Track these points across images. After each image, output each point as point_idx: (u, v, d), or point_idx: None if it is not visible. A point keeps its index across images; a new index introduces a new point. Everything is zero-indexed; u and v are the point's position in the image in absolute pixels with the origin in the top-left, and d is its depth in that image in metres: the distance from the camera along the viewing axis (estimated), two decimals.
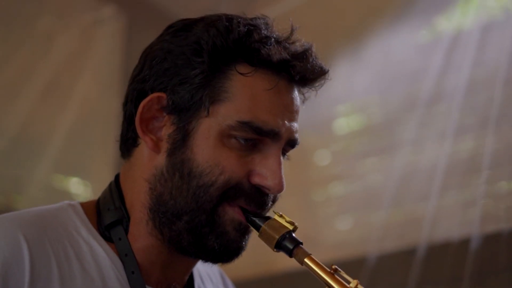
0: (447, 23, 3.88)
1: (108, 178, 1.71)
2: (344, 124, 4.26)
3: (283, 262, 3.77)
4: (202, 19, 1.60)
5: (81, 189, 4.42)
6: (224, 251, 1.57)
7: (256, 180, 1.55)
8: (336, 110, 4.19)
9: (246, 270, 3.05)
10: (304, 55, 1.58)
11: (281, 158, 1.59)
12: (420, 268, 3.42)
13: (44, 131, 4.30)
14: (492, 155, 3.40)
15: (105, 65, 4.46)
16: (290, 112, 1.59)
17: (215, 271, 1.91)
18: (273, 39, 1.57)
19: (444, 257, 3.40)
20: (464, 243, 3.33)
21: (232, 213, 1.55)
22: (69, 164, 4.41)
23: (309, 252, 1.53)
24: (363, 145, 4.05)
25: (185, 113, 1.55)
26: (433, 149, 3.69)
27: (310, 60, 1.59)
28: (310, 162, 4.20)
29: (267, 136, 1.55)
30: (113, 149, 4.14)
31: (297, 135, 1.60)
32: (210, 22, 1.56)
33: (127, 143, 1.64)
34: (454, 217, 3.52)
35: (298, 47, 1.60)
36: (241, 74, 1.55)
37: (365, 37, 3.99)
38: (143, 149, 1.61)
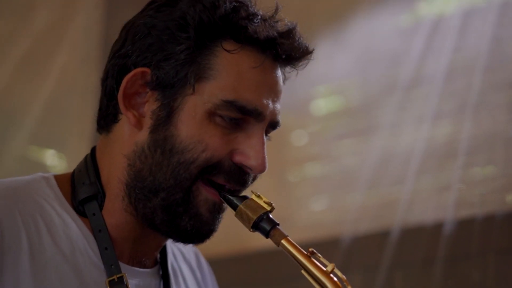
0: (429, 7, 3.88)
1: (84, 151, 1.70)
2: (322, 105, 4.26)
3: (257, 240, 3.79)
4: None
5: (56, 161, 4.40)
6: (196, 233, 1.57)
7: (239, 158, 1.55)
8: (315, 91, 4.19)
9: (218, 247, 3.05)
10: (290, 33, 1.58)
11: (264, 138, 1.59)
12: (394, 251, 3.44)
13: (21, 102, 4.27)
14: (469, 141, 3.42)
15: (84, 38, 4.42)
16: (274, 92, 1.59)
17: (189, 250, 1.90)
18: (259, 17, 1.56)
19: (418, 240, 3.42)
20: (437, 227, 3.36)
21: (205, 194, 1.55)
22: (45, 136, 4.39)
23: (286, 233, 1.54)
24: (340, 127, 4.05)
25: (170, 89, 1.54)
26: (411, 133, 3.71)
27: (296, 39, 1.59)
28: (287, 142, 4.20)
29: (251, 116, 1.55)
30: (90, 122, 4.12)
31: (279, 117, 1.61)
32: None
33: (107, 119, 1.62)
34: (429, 201, 3.54)
35: (283, 26, 1.60)
36: (227, 51, 1.54)
37: (346, 19, 3.98)
38: (124, 125, 1.60)
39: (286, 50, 1.57)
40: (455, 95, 3.55)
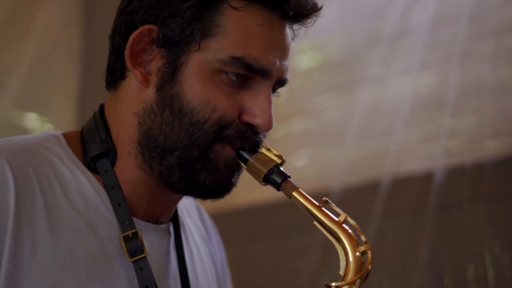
0: None
1: (67, 113, 1.71)
2: (305, 60, 4.24)
3: (244, 196, 3.79)
4: None
5: (39, 124, 4.37)
6: (216, 188, 1.59)
7: (246, 118, 1.57)
8: (296, 46, 4.16)
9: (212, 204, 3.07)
10: None
11: (271, 96, 1.60)
12: (384, 202, 3.46)
13: (3, 65, 4.22)
14: (456, 90, 3.44)
15: None
16: (282, 50, 1.59)
17: (191, 204, 1.93)
18: None
19: (408, 190, 3.45)
20: (427, 177, 3.38)
21: (228, 150, 1.56)
22: (28, 99, 4.35)
23: (298, 185, 1.55)
24: (324, 81, 4.04)
25: (176, 46, 1.54)
26: (396, 85, 3.71)
27: None
28: None
29: (258, 74, 1.56)
30: (73, 84, 4.09)
31: (287, 75, 1.61)
32: None
33: (115, 76, 1.63)
34: (418, 151, 3.56)
35: None
36: (234, 8, 1.54)
37: None
38: (131, 82, 1.60)
39: (293, 7, 1.57)
40: (440, 46, 3.55)
